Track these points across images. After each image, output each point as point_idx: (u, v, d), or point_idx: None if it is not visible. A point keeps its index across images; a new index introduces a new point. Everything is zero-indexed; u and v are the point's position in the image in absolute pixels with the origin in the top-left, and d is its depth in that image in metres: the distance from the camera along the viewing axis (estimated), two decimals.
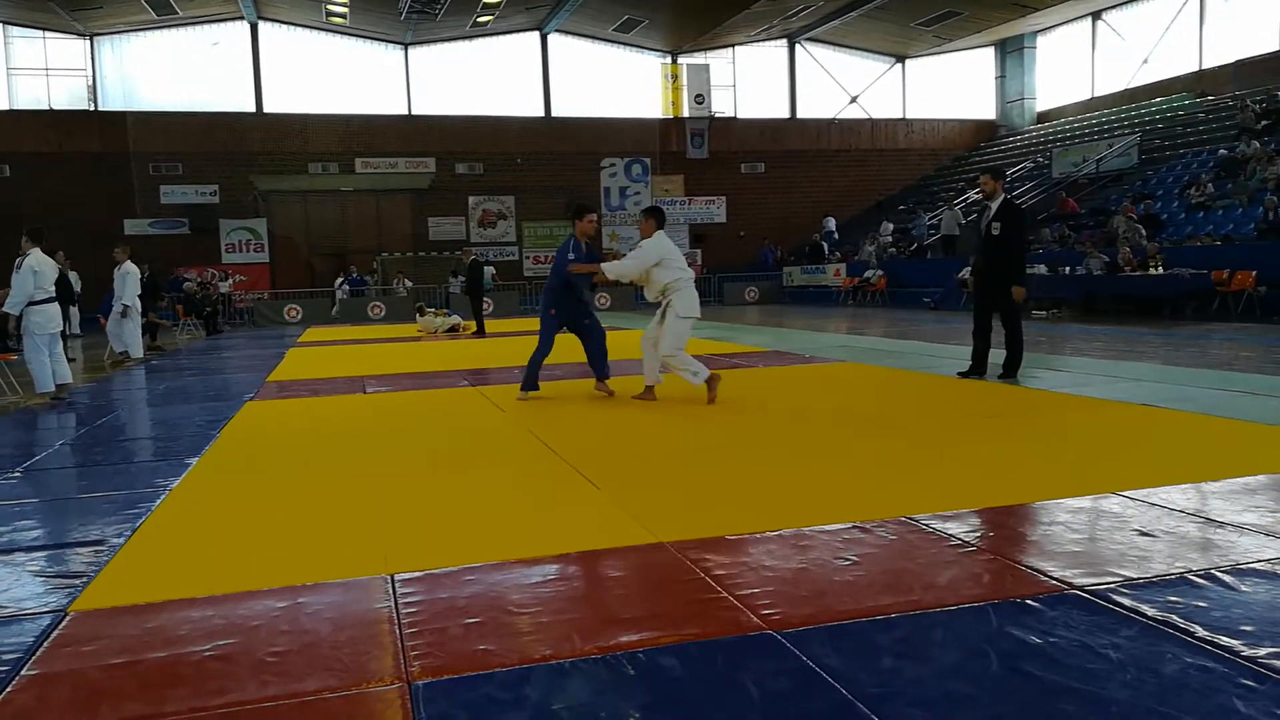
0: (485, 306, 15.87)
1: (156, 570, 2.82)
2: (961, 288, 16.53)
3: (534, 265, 24.75)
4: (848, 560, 2.67)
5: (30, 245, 7.34)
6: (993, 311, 6.51)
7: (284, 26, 23.32)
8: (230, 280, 21.25)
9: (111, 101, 22.56)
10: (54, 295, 7.39)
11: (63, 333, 7.82)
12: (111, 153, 21.89)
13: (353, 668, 2.05)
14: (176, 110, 22.58)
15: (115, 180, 21.86)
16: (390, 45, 24.12)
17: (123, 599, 2.54)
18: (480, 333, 13.78)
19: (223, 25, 22.89)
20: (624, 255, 6.28)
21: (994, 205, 6.34)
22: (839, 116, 27.01)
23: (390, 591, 2.53)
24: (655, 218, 6.04)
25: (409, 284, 21.47)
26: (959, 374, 6.74)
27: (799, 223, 25.81)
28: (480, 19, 22.90)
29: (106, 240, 12.27)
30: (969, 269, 16.52)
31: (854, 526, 2.98)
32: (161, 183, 22.46)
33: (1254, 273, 11.91)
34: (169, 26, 22.56)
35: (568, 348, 7.02)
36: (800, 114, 26.75)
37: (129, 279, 10.73)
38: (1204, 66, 21.68)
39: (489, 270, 20.32)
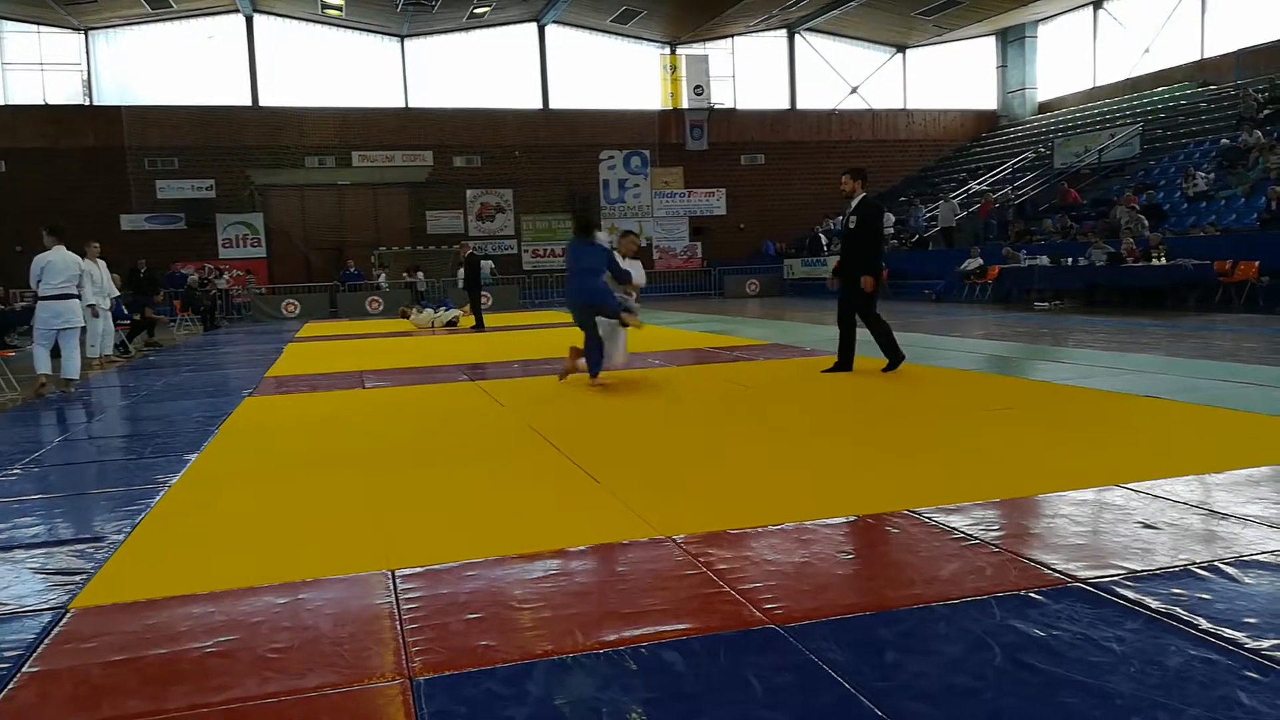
0: (484, 300, 15.85)
1: (157, 567, 2.81)
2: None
3: (533, 259, 24.70)
4: (850, 554, 2.66)
5: (53, 241, 7.52)
6: (852, 305, 6.52)
7: (279, 19, 23.20)
8: (226, 275, 21.20)
9: (107, 96, 22.47)
10: (65, 292, 7.49)
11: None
12: (107, 147, 21.82)
13: (354, 664, 2.04)
14: (172, 104, 22.49)
15: (111, 175, 21.80)
16: (386, 37, 24.00)
17: (123, 596, 2.54)
18: (479, 327, 13.75)
19: (218, 18, 22.77)
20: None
21: (854, 202, 6.47)
22: (839, 107, 26.91)
23: (391, 587, 2.52)
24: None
25: (384, 279, 21.44)
26: (824, 371, 6.64)
27: (800, 215, 25.75)
28: (477, 10, 22.78)
29: (103, 236, 12.25)
30: (971, 261, 16.58)
31: (856, 520, 2.97)
32: (157, 177, 22.39)
33: (1257, 263, 11.88)
34: (164, 20, 22.45)
35: (562, 343, 7.01)
36: (800, 105, 26.66)
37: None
38: (1206, 55, 21.59)
39: (487, 264, 20.28)
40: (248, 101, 23.03)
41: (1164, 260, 12.64)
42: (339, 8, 22.28)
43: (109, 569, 2.79)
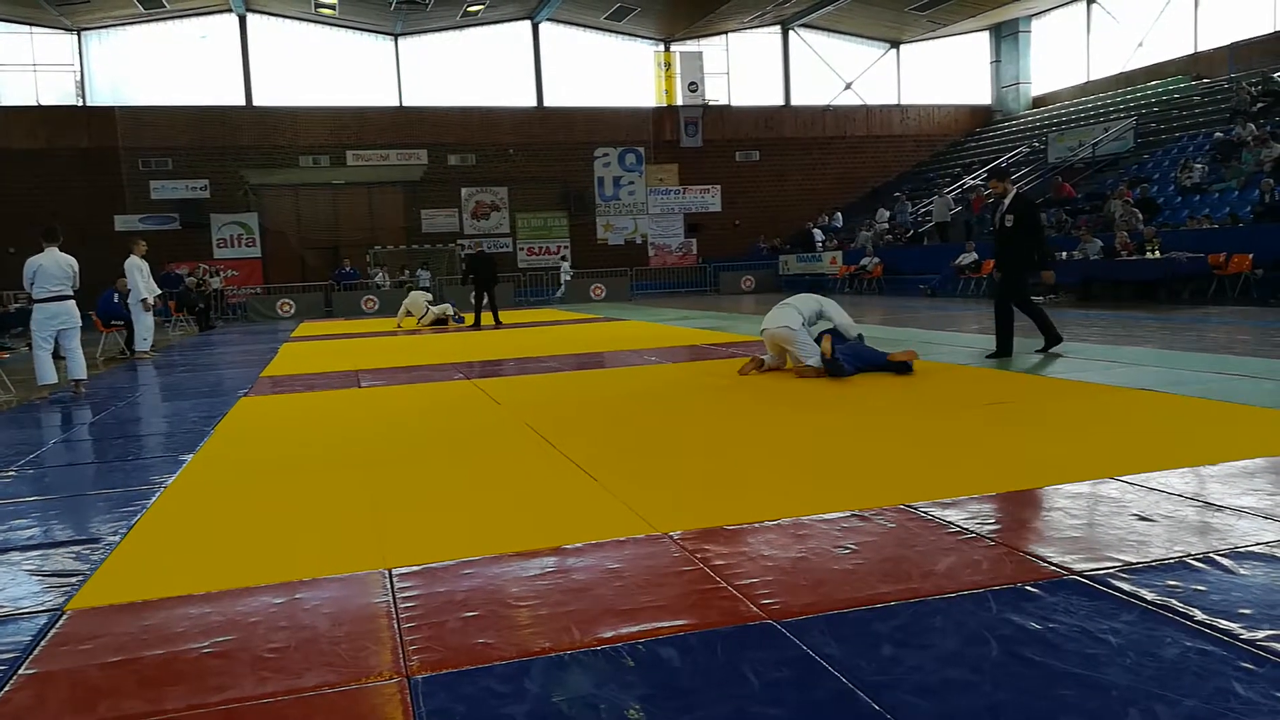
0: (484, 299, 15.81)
1: (153, 568, 2.81)
2: (958, 274, 16.58)
3: (528, 257, 24.68)
4: (847, 549, 2.66)
5: (45, 243, 7.53)
6: (1009, 298, 6.95)
7: (273, 18, 23.13)
8: (221, 275, 21.13)
9: (100, 97, 22.37)
10: (60, 294, 7.50)
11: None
12: (100, 148, 21.73)
13: (351, 663, 2.04)
14: (166, 105, 22.41)
15: (105, 176, 21.71)
16: (380, 36, 23.94)
17: (119, 597, 2.53)
18: (476, 325, 13.73)
19: (211, 18, 22.69)
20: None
21: (1007, 201, 6.90)
22: (833, 103, 26.91)
23: (388, 586, 2.52)
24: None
25: (383, 278, 21.41)
26: (987, 356, 6.98)
27: (795, 211, 25.76)
28: (470, 8, 22.73)
29: (97, 237, 12.22)
30: (966, 256, 16.63)
31: (852, 515, 2.98)
32: (151, 178, 22.31)
33: (1250, 255, 11.92)
34: (157, 20, 22.35)
35: (558, 341, 6.99)
36: (794, 101, 26.65)
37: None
38: (1199, 49, 21.63)
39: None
40: (241, 101, 22.95)
41: (1158, 253, 12.67)
42: (332, 6, 22.21)
43: (105, 570, 2.78)
